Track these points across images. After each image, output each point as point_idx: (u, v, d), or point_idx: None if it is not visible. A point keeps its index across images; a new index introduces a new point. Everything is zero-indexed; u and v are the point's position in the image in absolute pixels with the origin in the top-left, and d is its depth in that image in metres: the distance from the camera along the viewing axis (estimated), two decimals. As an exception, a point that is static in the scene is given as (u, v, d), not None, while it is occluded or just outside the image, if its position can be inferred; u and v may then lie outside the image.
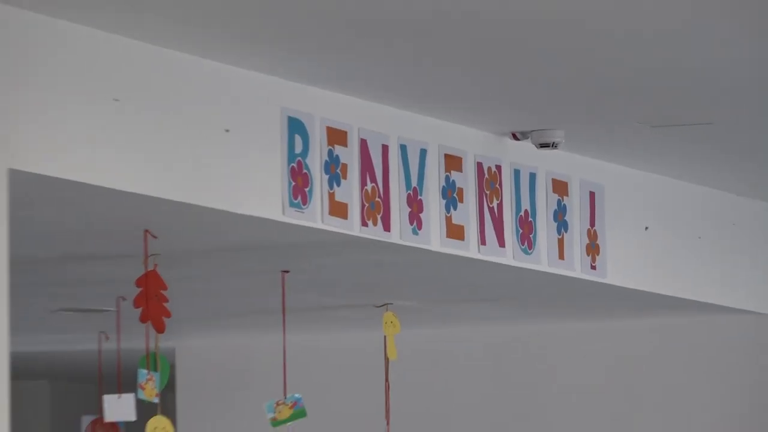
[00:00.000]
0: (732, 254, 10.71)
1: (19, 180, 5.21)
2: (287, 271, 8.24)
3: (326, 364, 11.18)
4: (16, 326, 5.32)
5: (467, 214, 7.98)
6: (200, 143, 6.30)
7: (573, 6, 5.63)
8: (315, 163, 7.12)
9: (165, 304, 7.08)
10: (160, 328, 7.04)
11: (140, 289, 7.08)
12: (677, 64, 6.92)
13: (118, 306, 8.32)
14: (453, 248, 8.01)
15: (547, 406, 11.52)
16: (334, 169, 7.09)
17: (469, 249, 8.07)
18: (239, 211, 6.54)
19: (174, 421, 8.29)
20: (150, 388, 7.04)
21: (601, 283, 9.10)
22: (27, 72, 5.31)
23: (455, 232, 7.89)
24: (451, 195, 7.84)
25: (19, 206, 5.45)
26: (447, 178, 7.89)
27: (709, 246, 10.41)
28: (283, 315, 8.67)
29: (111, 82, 5.79)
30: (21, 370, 7.02)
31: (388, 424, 9.13)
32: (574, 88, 7.30)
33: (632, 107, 7.89)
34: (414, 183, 7.62)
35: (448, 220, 7.82)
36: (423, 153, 7.80)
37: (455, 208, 7.82)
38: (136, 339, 7.56)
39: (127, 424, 7.69)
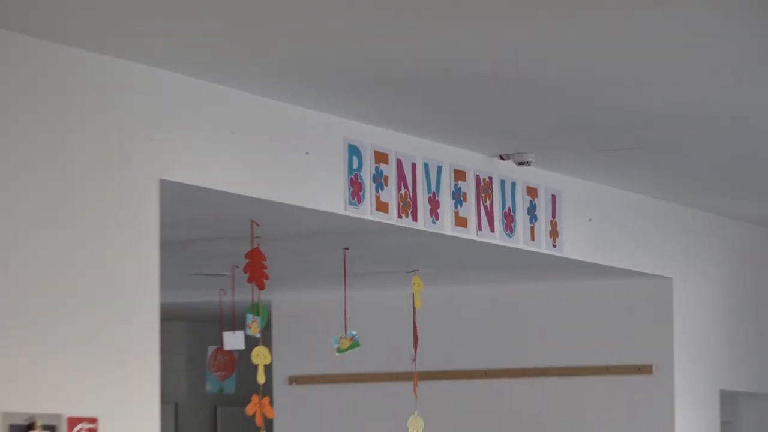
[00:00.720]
0: (646, 236, 10.67)
1: (166, 187, 5.92)
2: (347, 248, 8.58)
3: (373, 312, 10.85)
4: (163, 285, 5.95)
5: (469, 210, 8.40)
6: (290, 162, 6.98)
7: (542, 72, 6.32)
8: (366, 175, 7.62)
9: (264, 270, 7.69)
10: (261, 287, 7.72)
11: (247, 260, 7.71)
12: (611, 107, 7.37)
13: (232, 271, 8.67)
14: (459, 233, 8.42)
15: (519, 340, 11.35)
16: (379, 180, 7.57)
17: (470, 233, 8.43)
18: (315, 208, 7.14)
19: (270, 351, 8.30)
20: (254, 327, 7.57)
21: (559, 256, 9.45)
22: (174, 118, 5.96)
23: (461, 222, 8.34)
24: (458, 197, 8.25)
25: (166, 204, 6.01)
26: (455, 186, 8.31)
27: (631, 231, 10.57)
28: (345, 278, 9.00)
29: (230, 122, 6.48)
30: (165, 315, 7.26)
31: (415, 351, 9.29)
32: (541, 126, 7.87)
33: (581, 137, 8.28)
34: (433, 189, 8.08)
35: (456, 214, 8.22)
36: (439, 169, 8.30)
37: (461, 206, 8.26)
38: (244, 294, 8.06)
39: (238, 352, 8.38)
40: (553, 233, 8.93)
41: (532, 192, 8.76)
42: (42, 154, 5.17)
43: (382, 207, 7.42)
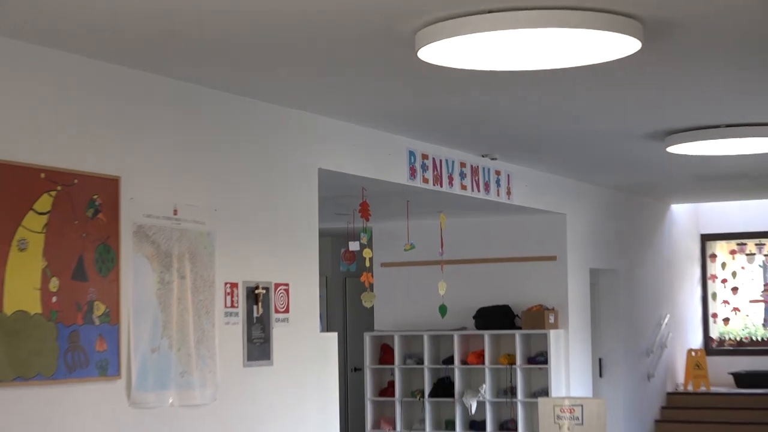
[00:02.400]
0: (554, 194, 12.23)
1: (322, 172, 7.94)
2: (408, 201, 10.23)
3: (421, 230, 11.18)
4: (320, 219, 7.97)
5: (469, 182, 10.04)
6: (380, 158, 8.85)
7: (510, 120, 8.40)
8: (417, 164, 9.26)
9: (368, 210, 9.33)
10: (366, 219, 9.44)
11: (360, 206, 9.40)
12: (534, 127, 9.01)
13: (353, 213, 9.96)
14: (463, 192, 10.10)
15: (487, 243, 12.64)
16: (424, 167, 9.22)
17: (468, 193, 10.14)
18: (395, 181, 8.95)
19: (372, 250, 10.12)
20: (363, 239, 9.57)
21: (511, 203, 11.08)
22: (325, 139, 7.87)
23: (464, 188, 10.00)
24: (462, 175, 9.87)
25: (323, 179, 7.99)
26: (461, 170, 9.96)
27: (541, 190, 11.91)
28: (407, 215, 10.65)
29: (355, 138, 8.40)
30: (321, 233, 8.72)
31: (441, 249, 10.84)
32: (504, 143, 9.64)
33: (521, 146, 9.91)
34: (449, 171, 9.74)
35: (462, 184, 9.92)
36: (452, 162, 9.89)
37: (464, 179, 9.88)
38: (359, 222, 9.73)
39: (356, 251, 10.20)
40: (510, 192, 10.88)
41: (497, 172, 10.61)
42: (257, 168, 7.45)
43: (425, 180, 9.35)
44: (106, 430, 6.62)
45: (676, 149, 9.17)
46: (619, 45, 5.36)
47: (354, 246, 10.13)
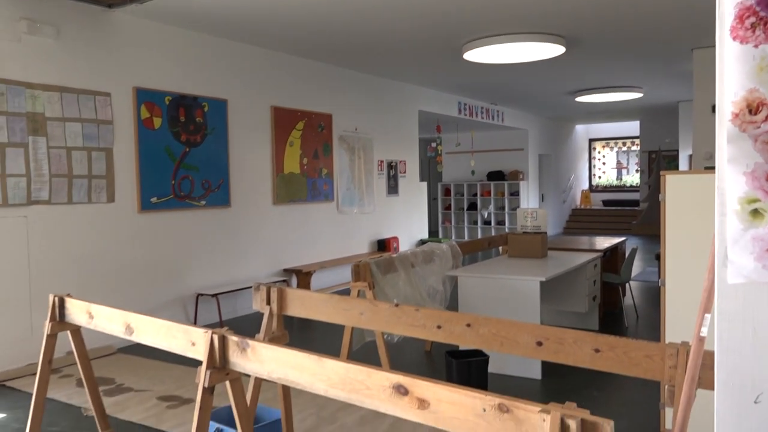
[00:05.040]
0: (514, 120, 13.92)
1: (421, 113, 10.29)
2: (457, 124, 11.94)
3: (463, 139, 13.81)
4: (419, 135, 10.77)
5: (484, 114, 11.79)
6: (442, 101, 10.80)
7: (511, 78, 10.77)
8: (462, 107, 11.06)
9: (439, 125, 11.11)
10: (439, 132, 11.30)
11: (436, 127, 11.11)
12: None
13: (433, 129, 11.56)
14: (482, 120, 11.90)
15: (497, 151, 14.68)
16: (464, 111, 11.09)
17: (484, 120, 12.01)
18: (453, 115, 10.63)
19: (441, 148, 11.71)
20: (437, 143, 11.40)
21: (502, 124, 12.75)
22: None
23: (482, 118, 11.69)
24: (482, 112, 11.66)
25: (421, 117, 10.47)
26: (481, 109, 11.67)
27: (513, 118, 13.57)
28: (457, 133, 12.50)
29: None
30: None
31: (472, 147, 13.09)
32: (500, 95, 11.19)
33: (509, 99, 11.45)
34: (476, 111, 11.60)
35: (481, 116, 11.73)
36: (477, 106, 11.46)
37: (482, 114, 11.70)
38: (435, 134, 11.57)
39: (433, 155, 12.49)
40: (502, 119, 12.59)
41: (498, 112, 12.43)
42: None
43: (465, 114, 11.25)
44: (328, 224, 8.16)
45: (580, 99, 11.06)
46: (553, 50, 6.76)
47: (429, 150, 12.25)
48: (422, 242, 10.05)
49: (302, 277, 7.26)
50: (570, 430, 1.33)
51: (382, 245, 9.10)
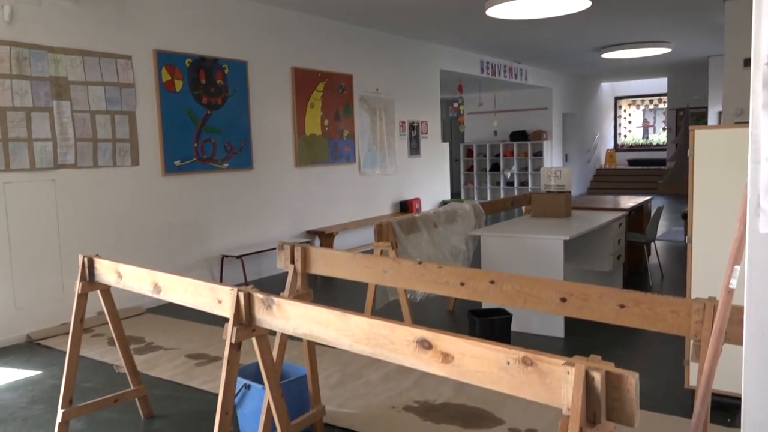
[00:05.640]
0: (537, 79, 13.55)
1: (442, 73, 10.11)
2: (480, 84, 11.98)
3: (486, 99, 13.61)
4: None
5: (508, 73, 11.62)
6: (466, 60, 10.57)
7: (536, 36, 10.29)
8: (483, 66, 10.88)
9: (461, 85, 10.86)
10: (461, 92, 11.28)
11: (458, 86, 10.88)
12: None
13: (455, 89, 11.45)
14: (505, 79, 11.73)
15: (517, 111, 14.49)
16: (486, 70, 10.92)
17: (507, 79, 11.82)
18: (475, 74, 10.51)
19: (463, 108, 11.69)
20: (460, 108, 11.38)
21: (526, 83, 12.57)
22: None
23: (505, 77, 11.46)
24: (506, 71, 11.44)
25: (442, 78, 10.26)
26: (504, 68, 11.46)
27: (537, 76, 13.31)
28: (479, 92, 12.59)
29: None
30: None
31: (495, 107, 13.22)
32: (524, 53, 10.96)
33: (533, 57, 11.16)
34: (499, 69, 11.33)
35: (504, 75, 11.49)
36: (500, 65, 11.26)
37: (505, 73, 11.46)
38: (457, 94, 11.62)
39: (454, 115, 12.20)
40: (525, 78, 12.40)
41: (522, 70, 12.26)
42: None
43: (488, 73, 11.18)
44: (350, 186, 8.20)
45: (606, 56, 11.01)
46: (578, 3, 6.67)
47: (451, 111, 12.32)
48: (444, 203, 10.07)
49: (325, 238, 7.30)
50: (595, 382, 1.32)
51: (404, 207, 9.09)
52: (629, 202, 6.46)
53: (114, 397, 3.14)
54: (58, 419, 2.97)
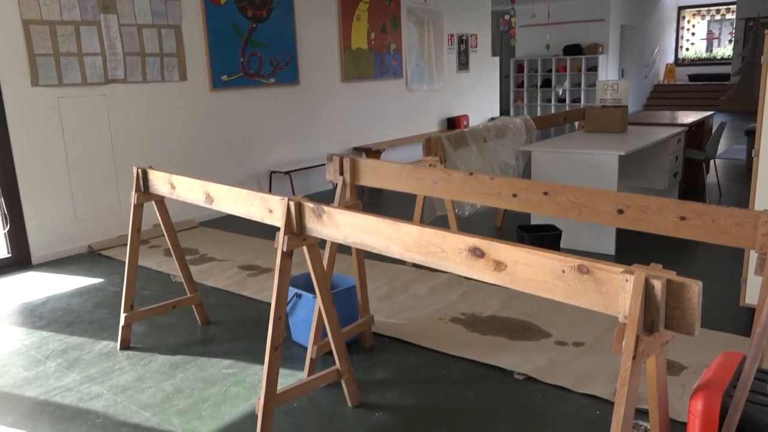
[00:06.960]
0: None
1: None
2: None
3: (539, 10, 13.25)
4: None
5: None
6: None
7: None
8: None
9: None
10: (513, 3, 12.25)
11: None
12: None
13: (507, 1, 11.53)
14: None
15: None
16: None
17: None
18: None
19: (515, 21, 11.03)
20: (512, 14, 11.64)
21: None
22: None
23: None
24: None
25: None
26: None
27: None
28: (532, 5, 14.68)
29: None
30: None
31: (548, 17, 14.54)
32: None
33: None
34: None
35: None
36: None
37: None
38: (509, 6, 11.36)
39: (506, 27, 13.01)
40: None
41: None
42: None
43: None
44: (396, 102, 8.18)
45: None
46: None
47: (506, 17, 10.99)
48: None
49: (371, 155, 7.32)
50: (655, 290, 1.28)
51: (452, 124, 8.99)
52: (689, 117, 6.23)
53: (172, 303, 3.25)
54: (121, 322, 3.11)
